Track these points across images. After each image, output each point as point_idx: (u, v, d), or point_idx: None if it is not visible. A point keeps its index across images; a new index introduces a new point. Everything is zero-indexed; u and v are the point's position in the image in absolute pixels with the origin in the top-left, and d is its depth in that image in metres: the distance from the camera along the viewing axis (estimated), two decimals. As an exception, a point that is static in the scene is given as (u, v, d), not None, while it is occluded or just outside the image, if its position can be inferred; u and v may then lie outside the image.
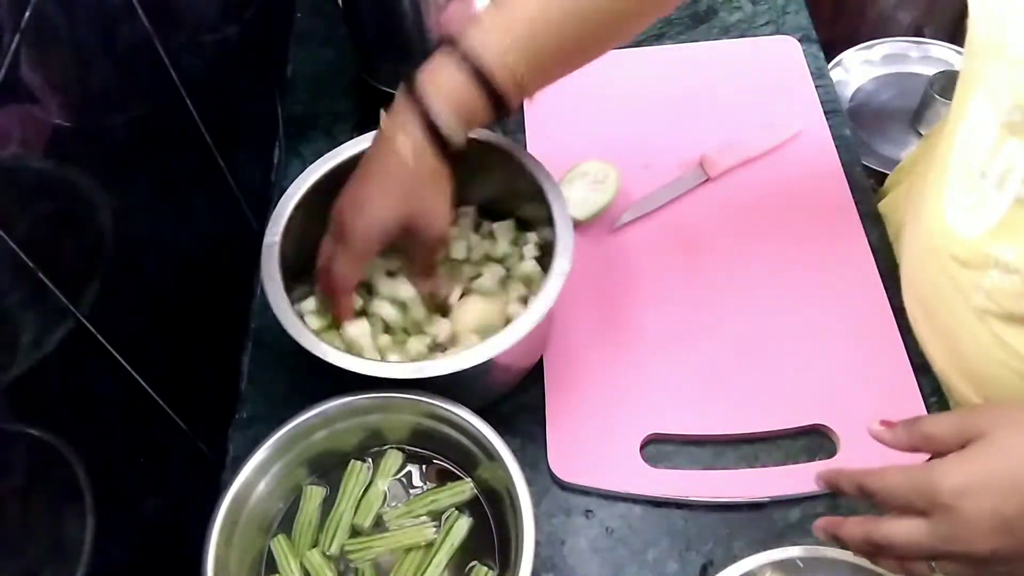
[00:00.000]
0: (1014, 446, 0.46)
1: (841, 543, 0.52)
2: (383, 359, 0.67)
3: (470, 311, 0.70)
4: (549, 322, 0.74)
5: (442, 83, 0.61)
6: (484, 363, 0.60)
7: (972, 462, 0.47)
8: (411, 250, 0.68)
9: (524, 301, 0.72)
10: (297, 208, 0.69)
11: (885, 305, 0.75)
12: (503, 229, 0.75)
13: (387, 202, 0.63)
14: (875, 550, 0.50)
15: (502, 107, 0.62)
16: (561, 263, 0.64)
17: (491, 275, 0.72)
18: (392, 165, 0.62)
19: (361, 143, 0.72)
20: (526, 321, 0.62)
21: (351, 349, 0.66)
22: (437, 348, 0.69)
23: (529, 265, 0.72)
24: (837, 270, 0.78)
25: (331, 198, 0.72)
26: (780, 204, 0.80)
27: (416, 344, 0.68)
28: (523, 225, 0.75)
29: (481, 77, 0.60)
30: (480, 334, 0.68)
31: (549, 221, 0.67)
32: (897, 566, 0.50)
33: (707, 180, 0.85)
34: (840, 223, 0.81)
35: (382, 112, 0.63)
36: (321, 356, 0.61)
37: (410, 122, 0.61)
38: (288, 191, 0.69)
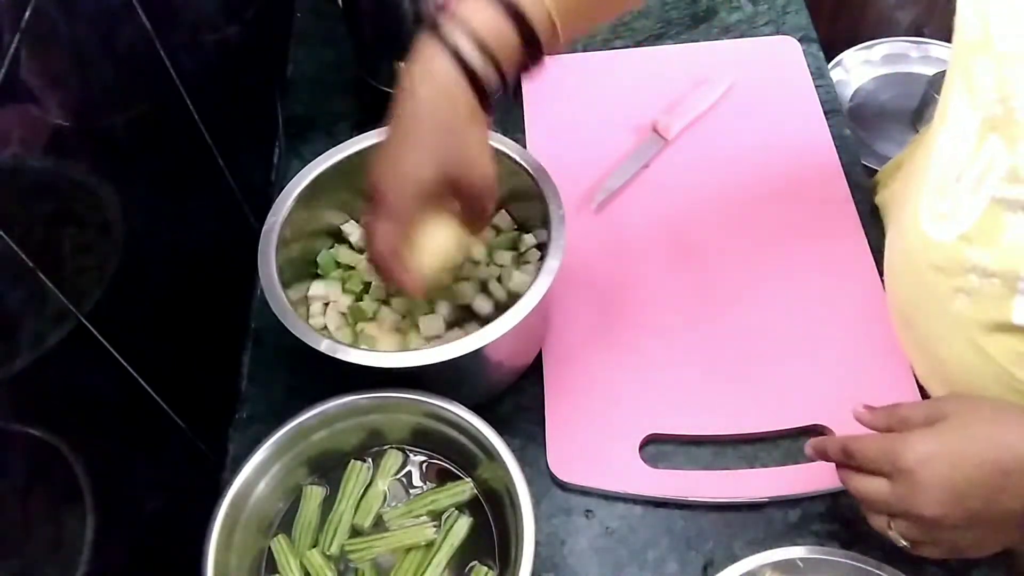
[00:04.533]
0: (969, 425, 0.53)
1: (823, 457, 0.59)
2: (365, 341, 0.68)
3: (430, 243, 0.65)
4: (545, 314, 0.74)
5: (468, 18, 0.57)
6: (479, 352, 0.60)
7: (933, 436, 0.53)
8: (460, 204, 0.62)
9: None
10: (297, 202, 0.69)
11: (884, 305, 0.75)
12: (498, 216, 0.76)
13: (419, 156, 0.58)
14: (856, 495, 0.57)
15: (534, 46, 0.58)
16: (554, 254, 0.64)
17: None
18: (421, 115, 0.58)
19: (361, 142, 0.72)
20: (519, 309, 0.61)
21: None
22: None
23: (529, 264, 0.72)
24: (837, 270, 0.78)
25: (331, 195, 0.72)
26: (780, 204, 0.80)
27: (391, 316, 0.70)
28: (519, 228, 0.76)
29: (512, 9, 0.57)
30: (442, 267, 0.65)
31: (544, 221, 0.67)
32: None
33: (666, 144, 0.86)
34: (840, 223, 0.81)
35: (401, 65, 0.59)
36: (314, 345, 0.61)
37: (437, 65, 0.57)
38: (288, 186, 0.69)
